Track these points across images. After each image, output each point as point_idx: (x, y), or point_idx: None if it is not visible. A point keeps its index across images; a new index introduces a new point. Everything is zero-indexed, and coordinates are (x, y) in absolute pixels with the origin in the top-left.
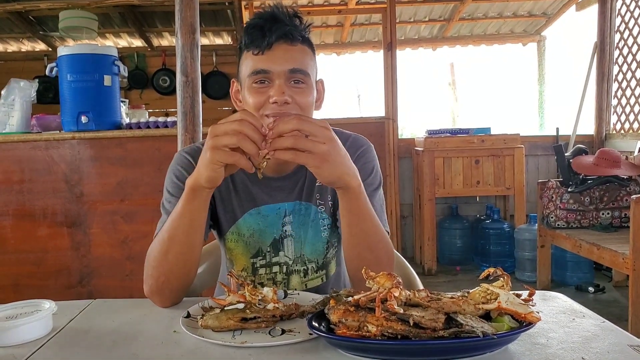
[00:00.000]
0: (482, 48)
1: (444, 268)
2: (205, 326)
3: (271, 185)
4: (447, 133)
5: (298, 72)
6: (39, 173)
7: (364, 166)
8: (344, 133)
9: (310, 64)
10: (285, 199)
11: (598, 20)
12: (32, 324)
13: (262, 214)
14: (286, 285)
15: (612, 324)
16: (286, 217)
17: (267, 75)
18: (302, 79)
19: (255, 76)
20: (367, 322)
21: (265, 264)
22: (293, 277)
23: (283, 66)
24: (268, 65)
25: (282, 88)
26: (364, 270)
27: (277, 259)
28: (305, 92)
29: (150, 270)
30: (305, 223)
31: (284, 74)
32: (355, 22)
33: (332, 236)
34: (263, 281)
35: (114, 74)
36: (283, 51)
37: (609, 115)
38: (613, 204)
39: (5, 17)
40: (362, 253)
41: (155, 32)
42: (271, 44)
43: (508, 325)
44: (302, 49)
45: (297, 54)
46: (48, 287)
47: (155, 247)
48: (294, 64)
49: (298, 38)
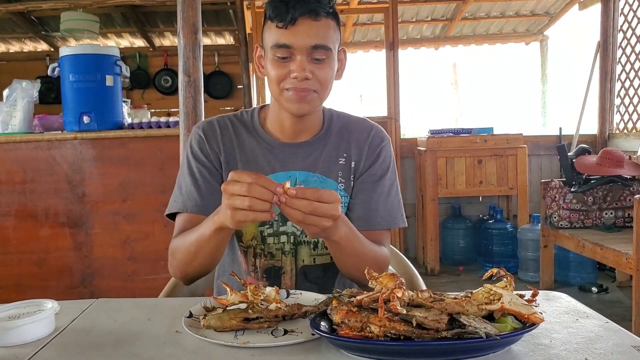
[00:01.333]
0: (485, 47)
1: (447, 268)
2: (208, 326)
3: (284, 152)
4: (450, 133)
5: (320, 48)
6: (41, 173)
7: (383, 163)
8: (367, 122)
9: (333, 38)
10: (298, 167)
11: (601, 19)
12: (35, 323)
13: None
14: (294, 255)
15: (615, 325)
16: (297, 185)
17: (289, 49)
18: (324, 54)
19: (277, 49)
20: (370, 323)
21: (272, 232)
22: (302, 248)
23: (306, 42)
24: (291, 40)
25: (303, 64)
26: (366, 270)
27: (285, 228)
28: (326, 67)
29: (175, 263)
30: None
31: (306, 50)
32: (357, 21)
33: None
34: (272, 250)
35: (116, 74)
36: (307, 27)
37: (612, 114)
38: (616, 204)
39: (7, 17)
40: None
41: (157, 32)
42: (295, 20)
43: (511, 325)
44: (326, 22)
45: (321, 29)
46: (50, 288)
47: (182, 252)
48: (316, 39)
49: (322, 13)
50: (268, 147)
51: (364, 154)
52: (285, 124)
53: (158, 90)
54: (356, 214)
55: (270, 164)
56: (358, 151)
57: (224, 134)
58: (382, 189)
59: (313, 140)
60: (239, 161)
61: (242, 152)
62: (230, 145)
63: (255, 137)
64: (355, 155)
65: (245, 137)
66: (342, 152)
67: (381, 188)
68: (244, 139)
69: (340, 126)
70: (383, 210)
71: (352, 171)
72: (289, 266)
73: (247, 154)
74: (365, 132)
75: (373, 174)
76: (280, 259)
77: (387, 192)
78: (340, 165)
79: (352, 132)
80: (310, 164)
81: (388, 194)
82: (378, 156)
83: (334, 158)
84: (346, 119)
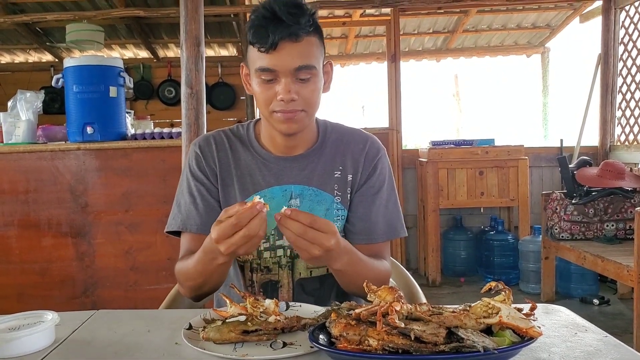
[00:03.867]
0: (486, 59)
1: (448, 279)
2: (207, 338)
3: (279, 166)
4: (451, 144)
5: (304, 69)
6: (44, 183)
7: (380, 175)
8: (362, 133)
9: (317, 54)
10: (293, 181)
11: (602, 32)
12: (35, 335)
13: (268, 196)
14: (291, 268)
15: (614, 339)
16: (292, 199)
17: (273, 72)
18: (309, 73)
19: (262, 72)
20: (368, 336)
21: (269, 247)
22: (298, 261)
23: (289, 65)
24: (274, 63)
25: (288, 86)
26: (365, 283)
27: (281, 242)
28: (311, 85)
29: (184, 288)
30: (313, 209)
31: (289, 72)
32: (359, 34)
33: (341, 227)
34: (268, 265)
35: (120, 85)
36: (288, 49)
37: (613, 126)
38: (617, 216)
39: (12, 28)
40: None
41: (160, 43)
42: (276, 44)
43: (509, 339)
44: (308, 41)
45: (303, 49)
46: (52, 298)
47: (189, 279)
48: (300, 61)
49: (302, 34)
50: (263, 161)
51: (360, 166)
52: (278, 140)
53: (162, 101)
54: (357, 228)
55: (266, 178)
56: (354, 164)
57: (219, 149)
58: (381, 201)
59: (308, 153)
60: (235, 176)
61: (237, 166)
62: (226, 161)
63: (251, 152)
64: (351, 168)
65: (241, 152)
66: (338, 164)
67: (380, 200)
68: (239, 154)
69: (335, 138)
70: (383, 222)
71: (349, 184)
72: (286, 279)
73: (242, 168)
74: (361, 143)
75: (371, 187)
76: (277, 273)
77: (385, 204)
78: (336, 179)
79: (347, 144)
80: (305, 177)
81: (387, 206)
82: (375, 168)
83: (330, 171)
84: (341, 131)
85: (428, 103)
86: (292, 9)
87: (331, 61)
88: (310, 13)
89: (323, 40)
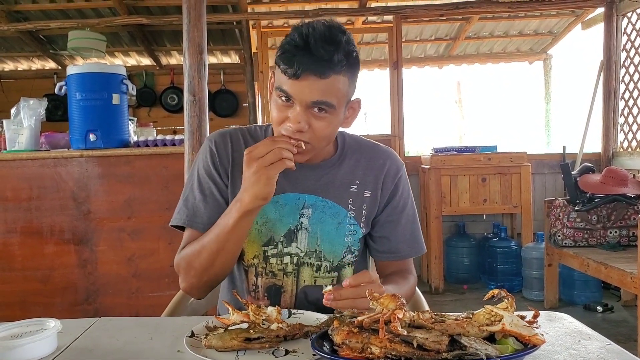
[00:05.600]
0: (489, 66)
1: (451, 287)
2: (209, 346)
3: (295, 172)
4: (454, 151)
5: (321, 105)
6: (47, 190)
7: (402, 193)
8: (381, 148)
9: (341, 93)
10: (307, 190)
11: (604, 38)
12: (37, 343)
13: (280, 202)
14: (296, 276)
15: (618, 346)
16: (304, 209)
17: (290, 99)
18: (326, 109)
19: (280, 92)
20: (371, 344)
21: (276, 253)
22: (304, 269)
23: (307, 97)
24: (292, 91)
25: (299, 117)
26: (367, 291)
27: (289, 249)
28: (325, 121)
29: (193, 272)
30: (325, 221)
31: (305, 104)
32: (361, 41)
33: (355, 244)
34: (274, 270)
35: (122, 93)
36: (311, 82)
37: (615, 133)
38: (620, 223)
39: (16, 36)
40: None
41: (163, 50)
42: (299, 75)
43: (512, 347)
44: (335, 79)
45: (326, 87)
46: (54, 305)
47: (201, 255)
48: (318, 96)
49: (330, 73)
50: None
51: (379, 184)
52: None
53: (164, 108)
54: (383, 248)
55: (280, 183)
56: (374, 180)
57: (234, 146)
58: (407, 220)
59: (325, 163)
60: None
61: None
62: (239, 160)
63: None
64: (370, 184)
65: None
66: (355, 179)
67: (405, 219)
68: None
69: (355, 151)
70: (409, 240)
71: (366, 200)
72: (290, 286)
73: None
74: (381, 159)
75: (395, 207)
76: (282, 279)
77: (411, 222)
78: (351, 193)
79: (367, 160)
80: (321, 188)
81: (413, 223)
82: (397, 187)
83: (346, 184)
84: (360, 144)
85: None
86: (326, 46)
87: (360, 99)
88: (347, 52)
89: (356, 77)
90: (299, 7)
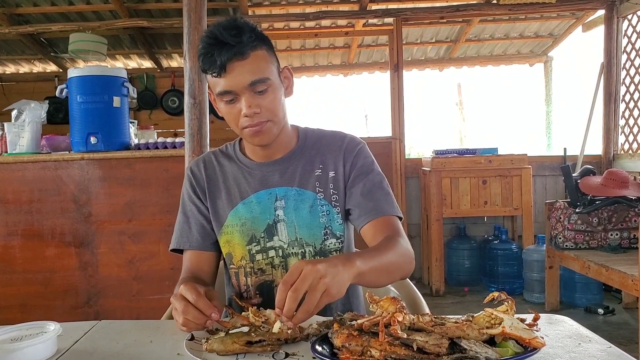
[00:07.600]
0: (489, 69)
1: (452, 289)
2: (210, 350)
3: (262, 171)
4: (454, 153)
5: (258, 83)
6: (47, 193)
7: (365, 162)
8: (340, 133)
9: (267, 65)
10: (277, 184)
11: (604, 41)
12: (37, 346)
13: (255, 201)
14: (284, 267)
15: (618, 349)
16: (278, 201)
17: (232, 93)
18: (264, 85)
19: (222, 96)
20: (371, 347)
21: (260, 249)
22: (291, 260)
23: (242, 82)
24: (229, 85)
25: (248, 102)
26: (367, 294)
27: (272, 243)
28: (269, 95)
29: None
30: (298, 207)
31: (245, 89)
32: (362, 43)
33: (334, 225)
34: (262, 267)
35: (123, 95)
36: (238, 68)
37: (616, 135)
38: (621, 225)
39: (17, 39)
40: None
41: (164, 53)
42: (224, 66)
43: (512, 350)
44: (255, 55)
45: (252, 65)
46: (55, 308)
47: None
48: (251, 76)
49: (247, 51)
50: (247, 169)
51: (340, 162)
52: (258, 149)
53: (165, 111)
54: (359, 211)
55: (251, 184)
56: (334, 160)
57: (207, 167)
58: (373, 182)
59: (287, 156)
60: (223, 187)
61: (225, 179)
62: (214, 177)
63: (237, 163)
64: (332, 165)
65: (227, 166)
66: (318, 163)
67: (373, 178)
68: (226, 168)
69: (315, 140)
70: (383, 198)
71: (331, 180)
72: (280, 278)
73: (229, 179)
74: (339, 141)
75: (358, 174)
76: (271, 273)
77: (378, 185)
78: (316, 176)
79: (326, 145)
80: (287, 179)
81: (380, 188)
82: (357, 157)
83: (310, 170)
84: (321, 134)
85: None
86: (232, 31)
87: (288, 66)
88: (251, 29)
89: (272, 50)
90: (299, 10)
